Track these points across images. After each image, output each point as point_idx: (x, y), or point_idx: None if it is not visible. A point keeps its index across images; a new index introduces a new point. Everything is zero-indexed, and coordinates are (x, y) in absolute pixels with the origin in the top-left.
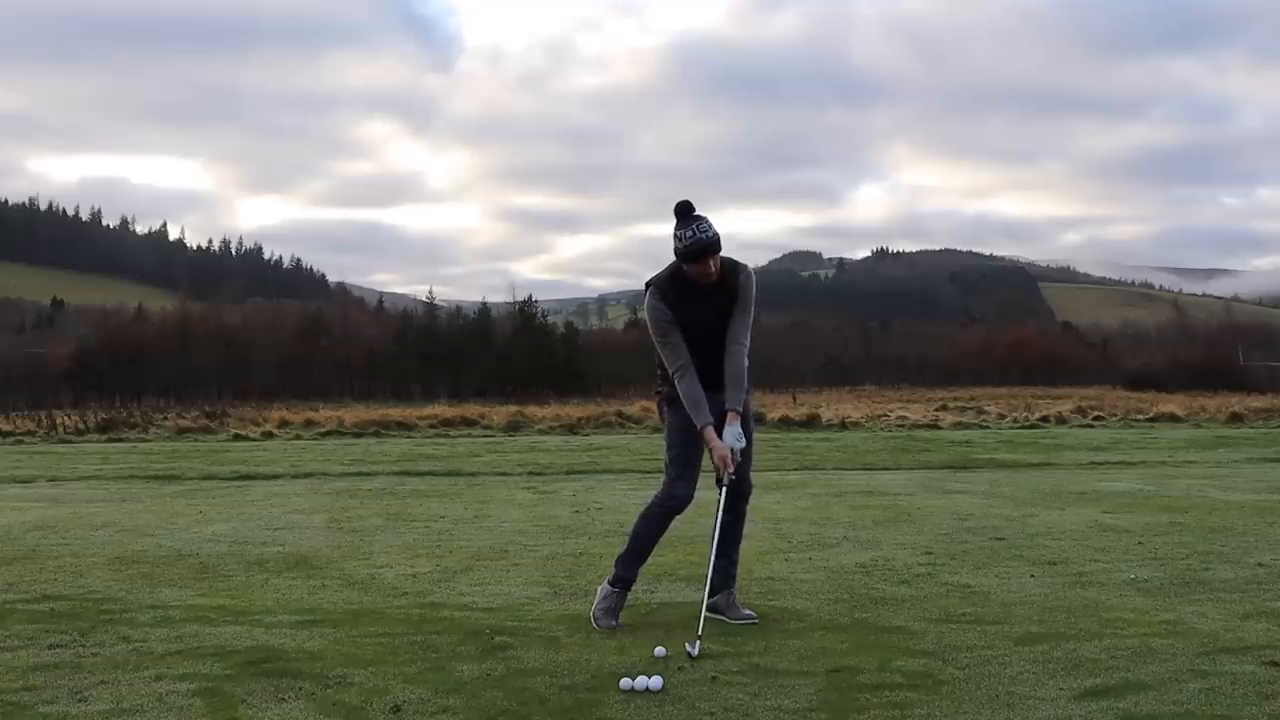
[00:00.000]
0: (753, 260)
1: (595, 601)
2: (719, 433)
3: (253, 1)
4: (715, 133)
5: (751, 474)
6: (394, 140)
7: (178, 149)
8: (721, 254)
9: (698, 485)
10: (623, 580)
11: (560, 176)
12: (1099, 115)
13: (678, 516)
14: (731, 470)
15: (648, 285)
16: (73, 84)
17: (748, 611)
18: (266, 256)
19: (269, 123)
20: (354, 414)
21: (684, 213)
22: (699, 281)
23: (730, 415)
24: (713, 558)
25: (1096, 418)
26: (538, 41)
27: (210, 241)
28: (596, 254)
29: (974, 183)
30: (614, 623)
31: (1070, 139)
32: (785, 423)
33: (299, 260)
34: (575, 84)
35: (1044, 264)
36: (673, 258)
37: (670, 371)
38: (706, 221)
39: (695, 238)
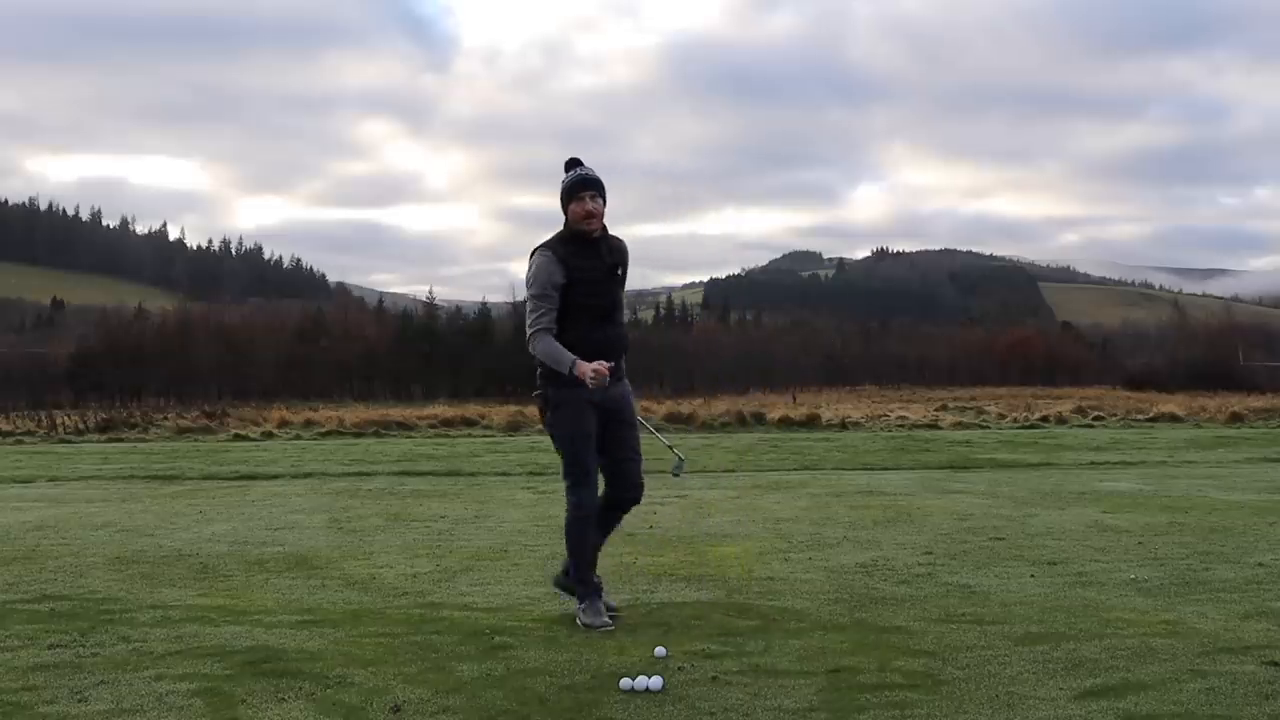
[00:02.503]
0: (753, 260)
1: (577, 616)
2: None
3: (249, 1)
4: (713, 133)
5: (643, 477)
6: (392, 140)
7: (176, 149)
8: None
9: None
10: (587, 595)
11: (558, 176)
12: (1096, 115)
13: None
14: (606, 379)
15: (530, 254)
16: (70, 84)
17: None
18: (266, 256)
19: (267, 123)
20: (354, 414)
21: (570, 164)
22: (585, 227)
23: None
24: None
25: (1096, 418)
26: (534, 41)
27: (210, 241)
28: None
29: (972, 183)
30: (608, 621)
31: (1068, 139)
32: (785, 423)
33: (299, 260)
34: (572, 84)
35: (1044, 264)
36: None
37: (532, 328)
38: (589, 168)
39: (578, 173)
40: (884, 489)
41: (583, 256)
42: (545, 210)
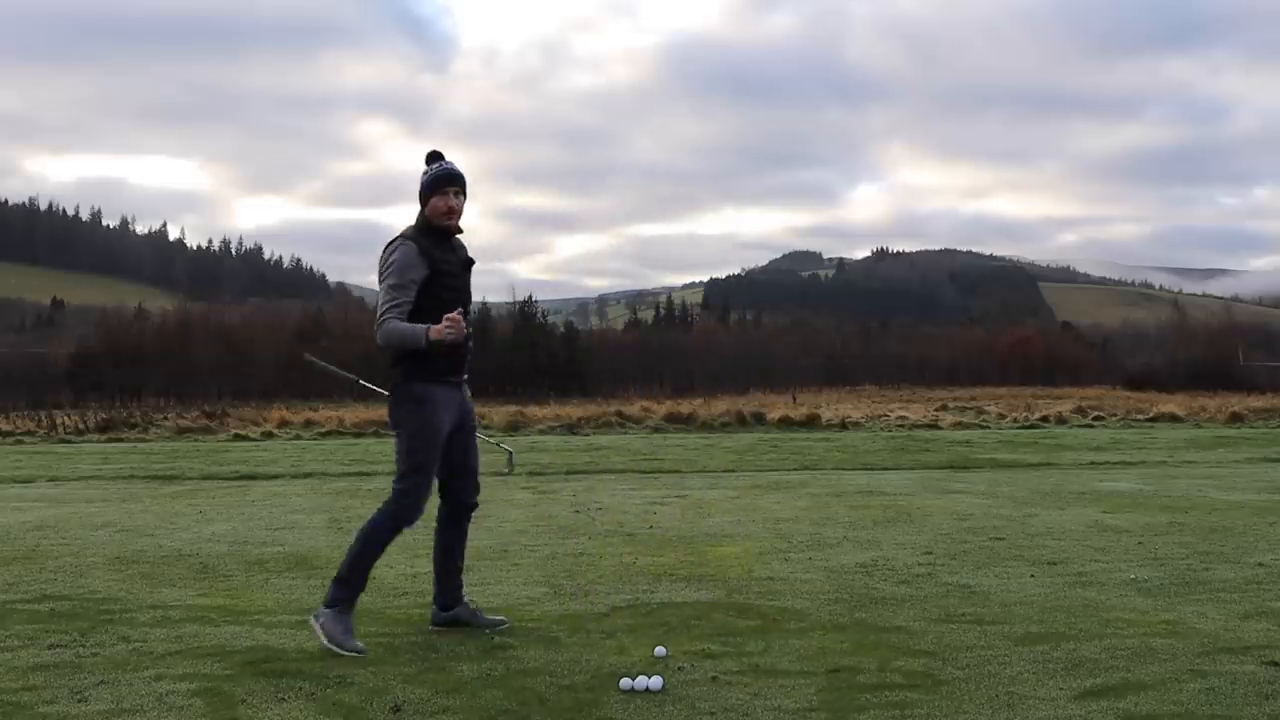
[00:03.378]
0: (752, 260)
1: (326, 634)
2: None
3: (248, 2)
4: (711, 133)
5: (479, 483)
6: (390, 140)
7: (175, 149)
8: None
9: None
10: (347, 600)
11: (557, 176)
12: (1094, 115)
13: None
14: (466, 328)
15: (389, 244)
16: (70, 84)
17: (495, 618)
18: (266, 256)
19: (266, 123)
20: (354, 414)
21: (432, 157)
22: (445, 222)
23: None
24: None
25: (1096, 418)
26: (533, 42)
27: (210, 241)
28: (594, 254)
29: (970, 183)
30: (359, 645)
31: (1066, 139)
32: (785, 423)
33: (299, 260)
34: (571, 84)
35: (1044, 264)
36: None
37: (383, 316)
38: (452, 163)
39: (442, 167)
40: (884, 489)
41: (442, 250)
42: (544, 210)
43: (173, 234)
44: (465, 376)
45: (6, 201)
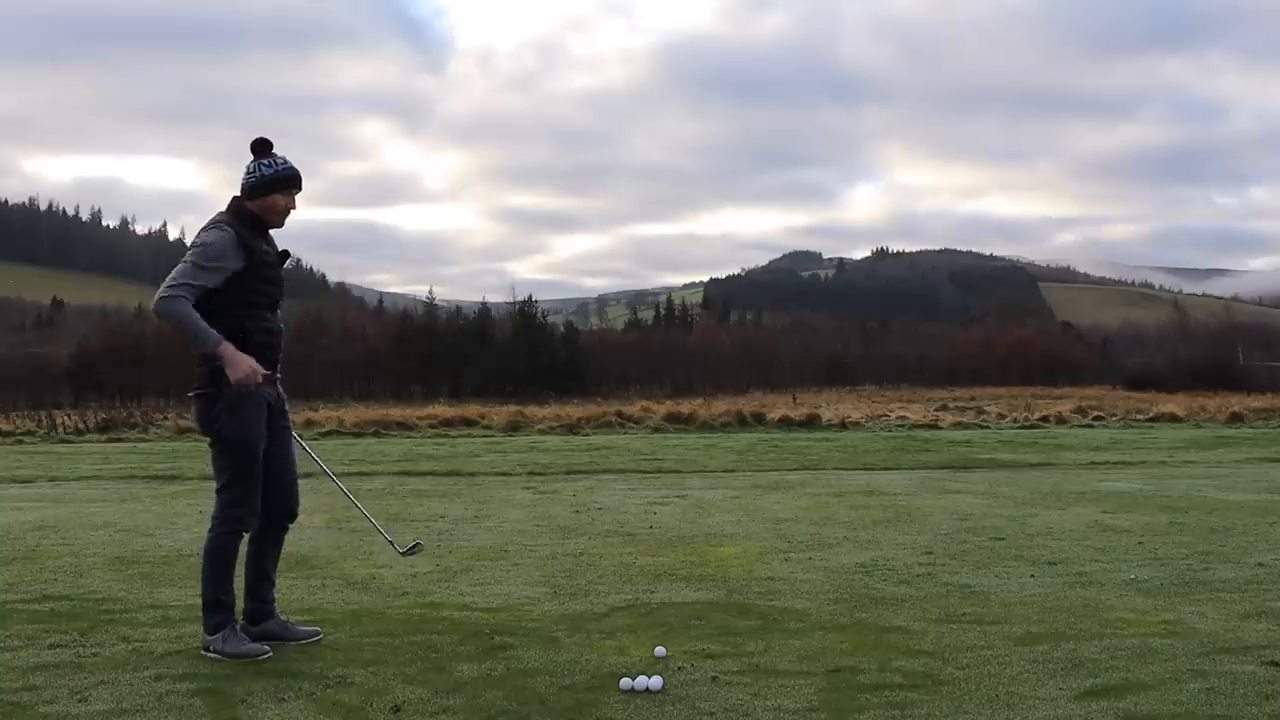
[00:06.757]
0: (752, 260)
1: (227, 655)
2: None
3: (244, 2)
4: (708, 133)
5: (300, 492)
6: (388, 141)
7: (173, 150)
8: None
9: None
10: (227, 622)
11: (554, 177)
12: (1091, 115)
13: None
14: (260, 376)
15: (207, 227)
16: (67, 85)
17: (308, 629)
18: None
19: (264, 123)
20: (354, 414)
21: (265, 146)
22: (278, 221)
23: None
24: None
25: (1096, 418)
26: (528, 42)
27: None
28: (592, 254)
29: (968, 182)
30: (261, 647)
31: (1063, 139)
32: (785, 423)
33: (299, 260)
34: (567, 84)
35: (1043, 264)
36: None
37: (174, 291)
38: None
39: (287, 165)
40: (884, 489)
41: (260, 241)
42: (542, 210)
43: (172, 234)
44: (278, 376)
45: (6, 201)
